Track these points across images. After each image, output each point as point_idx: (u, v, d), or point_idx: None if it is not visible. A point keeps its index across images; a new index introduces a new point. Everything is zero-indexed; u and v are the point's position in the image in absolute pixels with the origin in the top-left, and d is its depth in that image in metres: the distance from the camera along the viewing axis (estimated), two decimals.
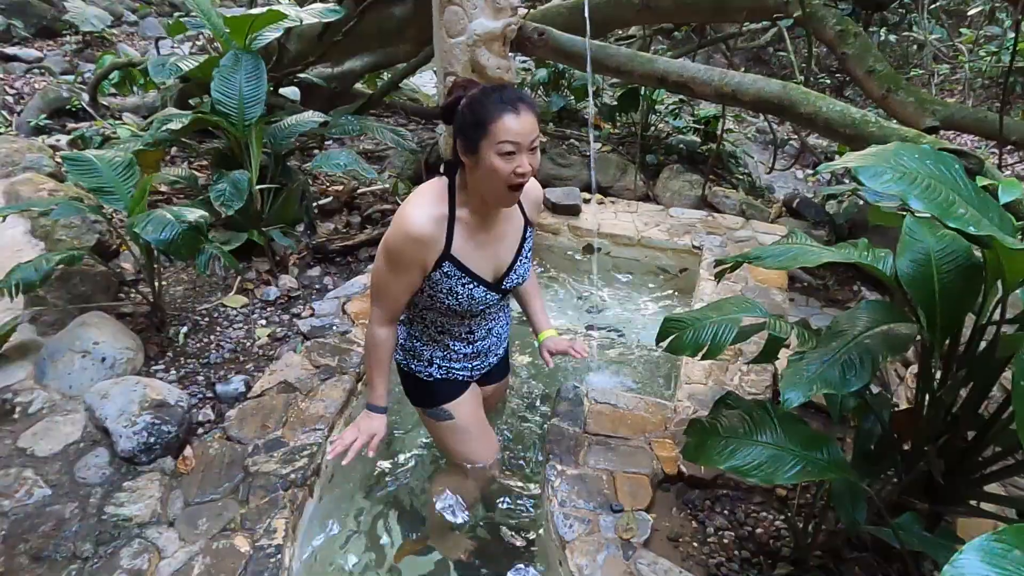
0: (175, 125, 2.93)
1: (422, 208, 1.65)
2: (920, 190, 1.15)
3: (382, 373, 1.88)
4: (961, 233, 1.14)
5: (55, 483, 2.01)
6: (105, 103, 5.06)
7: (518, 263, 1.82)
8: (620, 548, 1.79)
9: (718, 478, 2.05)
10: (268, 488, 1.97)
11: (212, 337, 2.75)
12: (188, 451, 2.12)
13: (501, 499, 2.32)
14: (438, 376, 1.94)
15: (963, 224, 1.09)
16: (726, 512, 1.98)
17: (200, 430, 2.27)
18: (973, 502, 1.65)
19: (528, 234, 1.85)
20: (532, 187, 1.84)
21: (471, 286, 1.75)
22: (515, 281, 1.84)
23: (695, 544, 1.87)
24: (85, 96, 4.96)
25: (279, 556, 1.78)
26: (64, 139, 4.35)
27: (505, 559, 2.11)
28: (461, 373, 1.97)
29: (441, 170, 1.72)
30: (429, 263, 1.69)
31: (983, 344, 1.51)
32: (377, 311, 1.79)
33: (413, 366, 1.96)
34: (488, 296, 1.80)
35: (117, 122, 4.61)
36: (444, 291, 1.74)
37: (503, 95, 1.53)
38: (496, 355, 2.05)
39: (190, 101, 4.30)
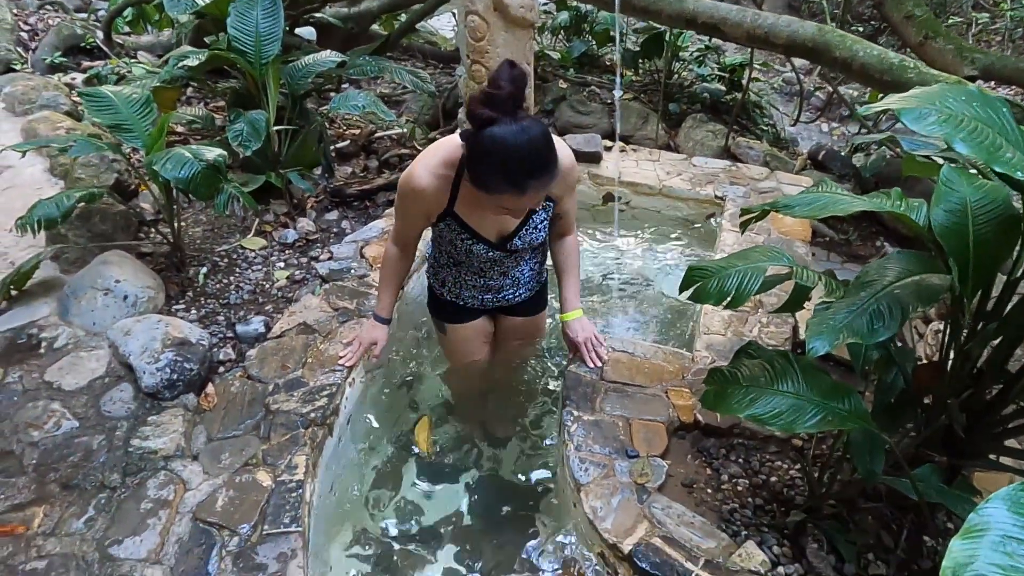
0: (191, 62, 2.88)
1: (428, 166, 1.69)
2: (966, 133, 1.10)
3: (389, 287, 2.07)
4: (1006, 179, 1.09)
5: (82, 416, 2.06)
6: (119, 41, 4.99)
7: (524, 230, 1.82)
8: (634, 492, 1.81)
9: (734, 427, 2.06)
10: (288, 426, 2.00)
11: (231, 278, 2.77)
12: (210, 388, 2.16)
13: (518, 442, 2.36)
14: (448, 298, 2.06)
15: (1010, 168, 1.05)
16: (741, 461, 1.99)
17: (221, 368, 2.30)
18: (992, 456, 1.64)
19: (540, 205, 1.80)
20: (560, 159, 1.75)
21: (470, 242, 1.82)
22: (520, 245, 1.85)
23: (709, 490, 1.88)
24: (100, 34, 4.89)
25: (300, 491, 1.82)
26: (80, 77, 4.32)
27: (520, 501, 2.15)
28: (471, 301, 2.05)
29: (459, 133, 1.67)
30: (432, 215, 1.78)
31: (1015, 299, 1.48)
32: (393, 232, 1.96)
33: (431, 280, 2.11)
34: (491, 253, 1.85)
35: (132, 60, 4.55)
36: (446, 241, 1.86)
37: (516, 167, 1.44)
38: (515, 294, 2.06)
39: (205, 39, 4.22)
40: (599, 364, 2.15)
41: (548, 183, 1.51)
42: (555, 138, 1.71)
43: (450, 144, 1.69)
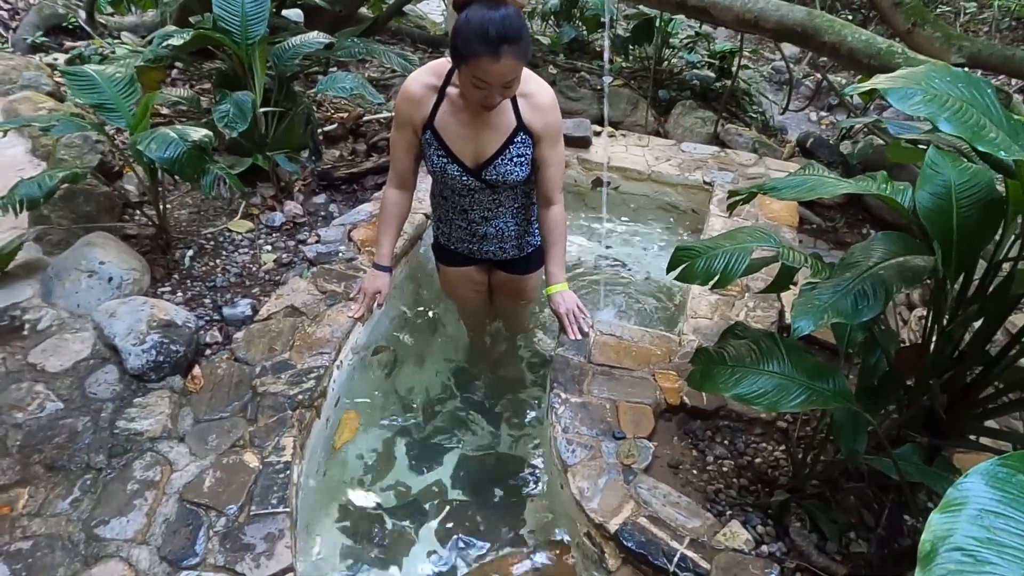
0: (176, 41, 2.83)
1: (418, 73, 1.88)
2: (950, 112, 1.11)
3: (388, 234, 2.14)
4: (989, 159, 1.10)
5: (66, 398, 2.04)
6: (102, 21, 4.90)
7: (500, 160, 1.89)
8: (621, 473, 1.82)
9: (720, 409, 2.08)
10: (276, 408, 2.00)
11: (218, 261, 2.74)
12: (197, 371, 2.14)
13: (507, 424, 2.37)
14: (442, 241, 2.24)
15: (993, 148, 1.06)
16: (726, 442, 2.01)
17: (208, 351, 2.29)
18: (972, 437, 1.67)
19: (519, 138, 1.88)
20: (537, 92, 1.87)
21: (445, 160, 1.91)
22: (495, 176, 1.92)
23: (695, 471, 1.90)
24: (82, 13, 4.80)
25: (288, 472, 1.82)
26: (62, 58, 4.24)
27: (507, 481, 2.16)
28: (460, 246, 2.19)
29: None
30: (417, 125, 1.90)
31: (996, 280, 1.49)
32: (390, 173, 2.06)
33: (432, 220, 2.27)
34: (465, 179, 1.93)
35: (116, 41, 4.48)
36: (426, 157, 1.96)
37: (491, 31, 1.57)
38: (500, 248, 2.15)
39: (191, 19, 4.15)
40: (580, 336, 2.17)
41: (520, 55, 1.62)
42: (538, 78, 1.89)
43: (440, 60, 1.88)
